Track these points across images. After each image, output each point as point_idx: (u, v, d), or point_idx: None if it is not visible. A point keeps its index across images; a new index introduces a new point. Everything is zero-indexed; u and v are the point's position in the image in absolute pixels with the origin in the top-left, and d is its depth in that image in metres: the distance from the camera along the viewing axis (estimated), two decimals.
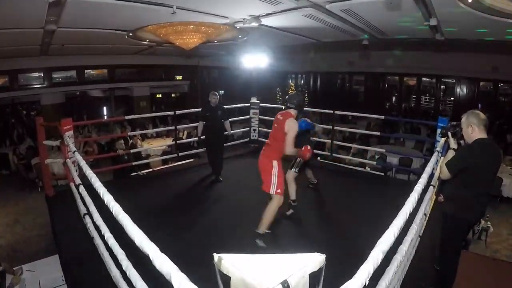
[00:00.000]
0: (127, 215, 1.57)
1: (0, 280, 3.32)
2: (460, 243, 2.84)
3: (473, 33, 6.17)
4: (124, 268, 1.71)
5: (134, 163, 5.76)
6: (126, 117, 6.97)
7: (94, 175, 2.12)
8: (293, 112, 3.34)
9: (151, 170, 6.22)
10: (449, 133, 2.73)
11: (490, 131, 2.55)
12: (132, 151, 6.26)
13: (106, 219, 2.06)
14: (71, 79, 11.39)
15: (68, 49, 8.53)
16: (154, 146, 8.31)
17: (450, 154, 2.63)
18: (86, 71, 11.66)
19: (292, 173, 4.06)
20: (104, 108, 13.53)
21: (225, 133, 5.52)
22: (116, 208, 1.66)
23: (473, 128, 2.44)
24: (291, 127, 3.20)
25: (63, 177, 5.55)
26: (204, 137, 5.24)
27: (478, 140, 2.44)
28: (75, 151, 2.75)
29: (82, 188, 2.71)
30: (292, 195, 3.99)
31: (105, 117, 13.24)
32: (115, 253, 1.87)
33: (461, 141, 2.73)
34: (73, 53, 9.66)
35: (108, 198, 1.78)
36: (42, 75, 10.62)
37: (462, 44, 7.89)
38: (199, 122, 5.28)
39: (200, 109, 5.66)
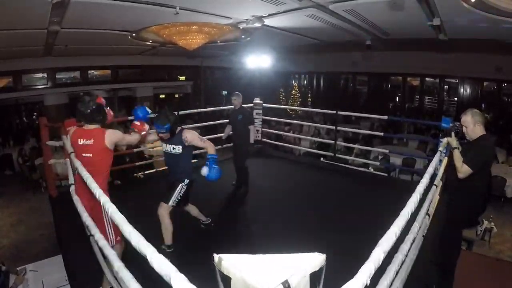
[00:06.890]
0: (123, 216, 1.56)
1: (3, 280, 3.33)
2: (461, 239, 2.87)
3: (477, 33, 6.14)
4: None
5: (137, 163, 5.77)
6: (129, 118, 6.97)
7: (90, 176, 2.10)
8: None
9: (154, 170, 6.23)
10: (452, 133, 2.75)
11: (493, 131, 2.60)
12: (135, 150, 6.27)
13: None
14: (74, 80, 11.45)
15: (72, 49, 8.57)
16: (157, 146, 8.30)
17: (457, 153, 2.63)
18: (89, 71, 11.70)
19: (166, 208, 3.09)
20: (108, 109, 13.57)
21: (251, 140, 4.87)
22: (111, 210, 1.64)
23: (480, 126, 2.53)
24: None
25: (67, 178, 5.56)
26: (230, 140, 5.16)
27: (485, 137, 2.53)
28: (71, 152, 2.72)
29: None
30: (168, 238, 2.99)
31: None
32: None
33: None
34: (76, 53, 9.70)
35: (104, 200, 1.75)
36: (46, 75, 10.68)
37: (465, 44, 7.84)
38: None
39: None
